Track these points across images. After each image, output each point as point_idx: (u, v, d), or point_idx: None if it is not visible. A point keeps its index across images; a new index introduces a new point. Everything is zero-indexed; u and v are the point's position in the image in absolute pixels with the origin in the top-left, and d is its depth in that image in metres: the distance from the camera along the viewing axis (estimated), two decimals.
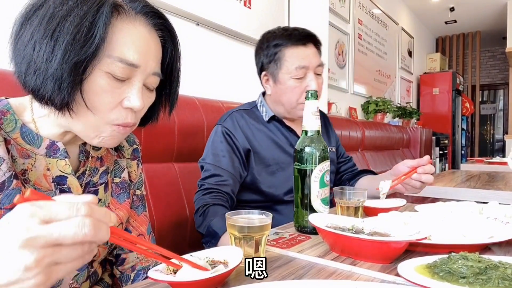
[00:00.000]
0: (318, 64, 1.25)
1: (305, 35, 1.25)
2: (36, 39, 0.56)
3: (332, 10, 3.69)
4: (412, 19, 6.44)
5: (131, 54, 0.60)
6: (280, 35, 1.26)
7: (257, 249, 0.65)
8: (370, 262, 0.64)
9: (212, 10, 2.11)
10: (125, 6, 0.62)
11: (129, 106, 0.62)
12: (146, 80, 0.65)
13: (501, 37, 7.08)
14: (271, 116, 1.29)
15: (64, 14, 0.56)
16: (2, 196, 0.59)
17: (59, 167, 0.67)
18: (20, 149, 0.64)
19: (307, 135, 0.87)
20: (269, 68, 1.28)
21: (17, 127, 0.64)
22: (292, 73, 1.22)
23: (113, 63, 0.59)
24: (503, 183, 1.78)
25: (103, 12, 0.57)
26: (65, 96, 0.57)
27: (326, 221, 0.75)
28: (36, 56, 0.56)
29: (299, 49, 1.23)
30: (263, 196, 1.24)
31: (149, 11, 0.65)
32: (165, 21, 0.68)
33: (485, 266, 0.52)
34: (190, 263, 0.55)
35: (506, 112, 7.50)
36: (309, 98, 0.87)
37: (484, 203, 0.98)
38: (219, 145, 1.22)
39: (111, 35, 0.59)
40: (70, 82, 0.56)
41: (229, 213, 0.69)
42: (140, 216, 0.85)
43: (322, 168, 0.85)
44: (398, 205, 1.03)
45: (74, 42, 0.55)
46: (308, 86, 1.22)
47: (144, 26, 0.64)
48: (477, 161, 3.32)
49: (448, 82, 6.30)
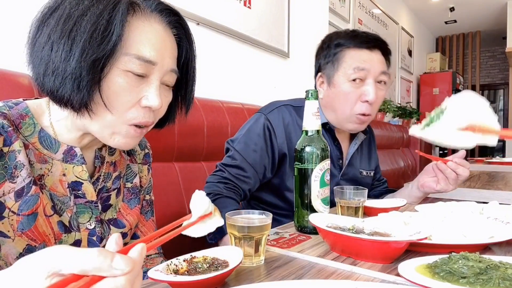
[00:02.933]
0: (381, 70, 1.11)
1: (373, 39, 1.13)
2: (53, 40, 0.56)
3: (332, 10, 3.68)
4: (412, 19, 6.44)
5: (148, 51, 0.60)
6: (345, 35, 1.14)
7: (257, 249, 0.65)
8: (370, 262, 0.64)
9: (212, 9, 2.11)
10: (141, 4, 0.62)
11: (147, 104, 0.62)
12: (163, 78, 0.64)
13: (501, 37, 7.08)
14: (323, 122, 1.14)
15: (81, 14, 0.56)
16: (20, 203, 0.59)
17: (75, 172, 0.67)
18: (38, 154, 0.63)
19: (307, 135, 0.87)
20: (325, 69, 1.16)
21: (36, 131, 0.64)
22: (349, 75, 1.09)
23: (130, 61, 0.59)
24: (503, 183, 1.78)
25: (119, 10, 0.57)
26: (84, 95, 0.56)
27: (327, 221, 0.75)
28: (54, 56, 0.56)
29: (362, 52, 1.10)
30: (286, 203, 1.16)
31: (164, 9, 0.65)
32: (180, 19, 0.68)
33: (486, 266, 0.52)
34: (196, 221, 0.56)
35: (506, 112, 7.49)
36: (309, 98, 0.87)
37: (484, 203, 0.98)
38: (255, 137, 1.11)
39: (128, 33, 0.59)
40: (89, 80, 0.56)
41: (229, 213, 0.69)
42: (149, 222, 0.85)
43: (322, 167, 0.84)
44: (398, 205, 1.03)
45: (91, 40, 0.55)
46: (364, 95, 1.09)
47: (159, 23, 0.64)
48: (477, 161, 3.32)
49: (448, 82, 6.30)
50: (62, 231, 0.65)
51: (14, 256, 0.59)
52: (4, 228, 0.58)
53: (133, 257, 0.36)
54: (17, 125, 0.62)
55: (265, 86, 2.54)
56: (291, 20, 2.77)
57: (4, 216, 0.58)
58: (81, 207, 0.68)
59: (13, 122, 0.61)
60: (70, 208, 0.67)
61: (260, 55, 2.51)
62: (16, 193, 0.59)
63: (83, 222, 0.68)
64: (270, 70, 2.60)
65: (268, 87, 2.57)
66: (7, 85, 0.96)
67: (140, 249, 0.37)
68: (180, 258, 0.59)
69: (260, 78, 2.52)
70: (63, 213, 0.66)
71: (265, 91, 2.50)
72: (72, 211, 0.67)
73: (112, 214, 0.74)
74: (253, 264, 0.64)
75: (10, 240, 0.59)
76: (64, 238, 0.65)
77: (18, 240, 0.59)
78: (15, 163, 0.59)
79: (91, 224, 0.69)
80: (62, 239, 0.65)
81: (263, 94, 2.46)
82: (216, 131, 1.53)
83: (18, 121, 0.62)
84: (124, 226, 0.76)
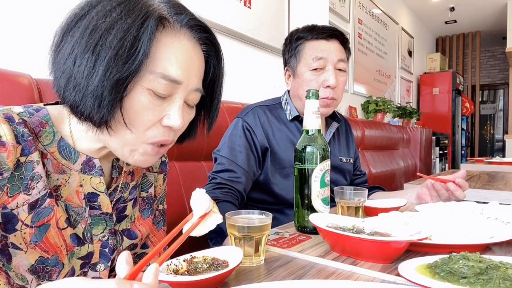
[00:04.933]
0: (339, 58, 1.20)
1: (329, 29, 1.22)
2: (77, 53, 0.53)
3: (332, 10, 3.68)
4: (412, 19, 6.44)
5: (175, 70, 0.58)
6: (304, 29, 1.24)
7: (257, 249, 0.65)
8: (370, 262, 0.64)
9: (212, 9, 2.11)
10: (170, 19, 0.59)
11: (169, 124, 0.59)
12: (187, 97, 0.62)
13: (501, 37, 7.08)
14: (295, 116, 1.25)
15: (107, 27, 0.53)
16: (33, 214, 0.58)
17: (92, 184, 0.65)
18: (56, 163, 0.61)
19: (308, 135, 0.87)
20: (290, 63, 1.25)
21: (55, 140, 0.62)
22: (309, 64, 1.18)
23: (155, 80, 0.56)
24: (503, 183, 1.78)
25: (148, 26, 0.54)
26: (105, 114, 0.54)
27: (327, 221, 0.75)
28: (76, 71, 0.53)
29: (320, 42, 1.20)
30: (274, 197, 1.22)
31: (195, 25, 0.62)
32: (211, 35, 0.65)
33: (486, 266, 0.52)
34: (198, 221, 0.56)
35: (506, 112, 7.50)
36: (310, 97, 0.87)
37: (484, 203, 0.98)
38: (237, 139, 1.18)
39: (155, 50, 0.56)
40: (110, 100, 0.53)
41: (229, 213, 0.69)
42: (160, 232, 0.83)
43: (322, 168, 0.84)
44: (399, 205, 1.03)
45: (116, 58, 0.52)
46: (325, 81, 1.18)
47: (188, 40, 0.61)
48: (477, 161, 3.32)
49: (448, 82, 6.30)
50: (75, 243, 0.63)
51: (25, 268, 0.58)
52: (16, 240, 0.57)
53: (150, 282, 0.36)
54: (37, 133, 0.60)
55: (265, 86, 2.54)
56: (291, 20, 2.77)
57: (16, 229, 0.57)
58: (95, 219, 0.67)
59: (33, 130, 0.59)
60: (85, 219, 0.65)
61: (260, 55, 2.51)
62: (30, 205, 0.57)
63: (97, 233, 0.67)
64: (270, 70, 2.60)
65: (268, 87, 2.56)
66: (7, 85, 0.96)
67: (154, 270, 0.37)
68: (180, 258, 0.59)
69: (260, 78, 2.51)
70: (77, 224, 0.64)
71: (265, 91, 2.50)
72: (86, 222, 0.65)
73: (127, 224, 0.73)
74: (253, 264, 0.64)
75: (23, 252, 0.58)
76: (76, 250, 0.63)
77: (31, 252, 0.58)
78: (32, 174, 0.58)
79: (105, 236, 0.67)
80: (74, 251, 0.63)
81: (263, 94, 2.45)
82: (216, 130, 1.52)
83: (38, 129, 0.60)
84: (137, 236, 0.74)
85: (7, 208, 0.56)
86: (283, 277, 0.59)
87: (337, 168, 1.34)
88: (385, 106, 4.52)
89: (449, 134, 6.24)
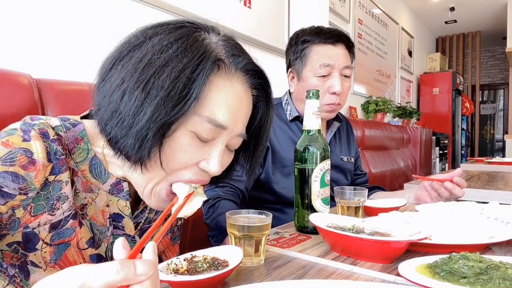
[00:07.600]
0: (345, 65, 1.20)
1: (336, 34, 1.21)
2: (126, 87, 0.50)
3: (332, 10, 3.68)
4: (412, 19, 6.44)
5: (222, 114, 0.55)
6: (310, 31, 1.23)
7: (257, 249, 0.65)
8: (370, 262, 0.64)
9: (212, 9, 2.11)
10: (226, 60, 0.56)
11: (205, 169, 0.57)
12: (229, 141, 0.59)
13: (501, 37, 7.08)
14: (295, 116, 1.26)
15: (162, 64, 0.50)
16: (53, 233, 0.57)
17: (119, 206, 0.64)
18: (85, 182, 0.60)
19: (308, 135, 0.87)
20: (295, 65, 1.25)
21: (88, 158, 0.60)
22: (316, 70, 1.19)
23: (200, 123, 0.53)
24: (503, 183, 1.78)
25: (203, 69, 0.51)
26: (144, 155, 0.51)
27: (327, 220, 0.75)
28: (123, 106, 0.50)
29: (327, 47, 1.20)
30: (274, 196, 1.22)
31: (251, 69, 0.59)
32: (265, 82, 0.62)
33: (486, 266, 0.52)
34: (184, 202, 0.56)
35: (506, 112, 7.50)
36: (310, 98, 0.87)
37: (484, 203, 0.98)
38: None
39: (206, 93, 0.53)
40: (153, 142, 0.51)
41: (229, 213, 0.69)
42: (174, 247, 0.82)
43: (322, 168, 0.84)
44: (399, 205, 1.03)
45: (167, 100, 0.49)
46: (331, 87, 1.19)
47: (241, 84, 0.58)
48: (477, 161, 3.32)
49: (448, 82, 6.30)
50: (95, 263, 0.63)
51: None
52: (36, 259, 0.57)
53: (150, 258, 0.36)
54: (71, 149, 0.58)
55: None
56: (291, 20, 2.77)
57: (37, 249, 0.56)
58: (117, 238, 0.66)
59: (67, 146, 0.58)
60: (107, 238, 0.65)
61: (260, 55, 2.50)
62: (52, 225, 0.57)
63: None
64: (270, 70, 2.59)
65: None
66: (7, 85, 0.96)
67: (153, 248, 0.37)
68: (180, 257, 0.59)
69: None
70: (101, 243, 0.63)
71: None
72: (108, 241, 0.65)
73: None
74: (253, 264, 0.64)
75: (41, 270, 0.57)
76: None
77: (50, 270, 0.58)
78: (59, 195, 0.56)
79: None
80: None
81: None
82: None
83: (72, 146, 0.59)
84: None
85: (29, 228, 0.55)
86: (283, 277, 0.59)
87: (338, 167, 1.35)
88: (385, 106, 4.52)
89: (449, 134, 6.24)
